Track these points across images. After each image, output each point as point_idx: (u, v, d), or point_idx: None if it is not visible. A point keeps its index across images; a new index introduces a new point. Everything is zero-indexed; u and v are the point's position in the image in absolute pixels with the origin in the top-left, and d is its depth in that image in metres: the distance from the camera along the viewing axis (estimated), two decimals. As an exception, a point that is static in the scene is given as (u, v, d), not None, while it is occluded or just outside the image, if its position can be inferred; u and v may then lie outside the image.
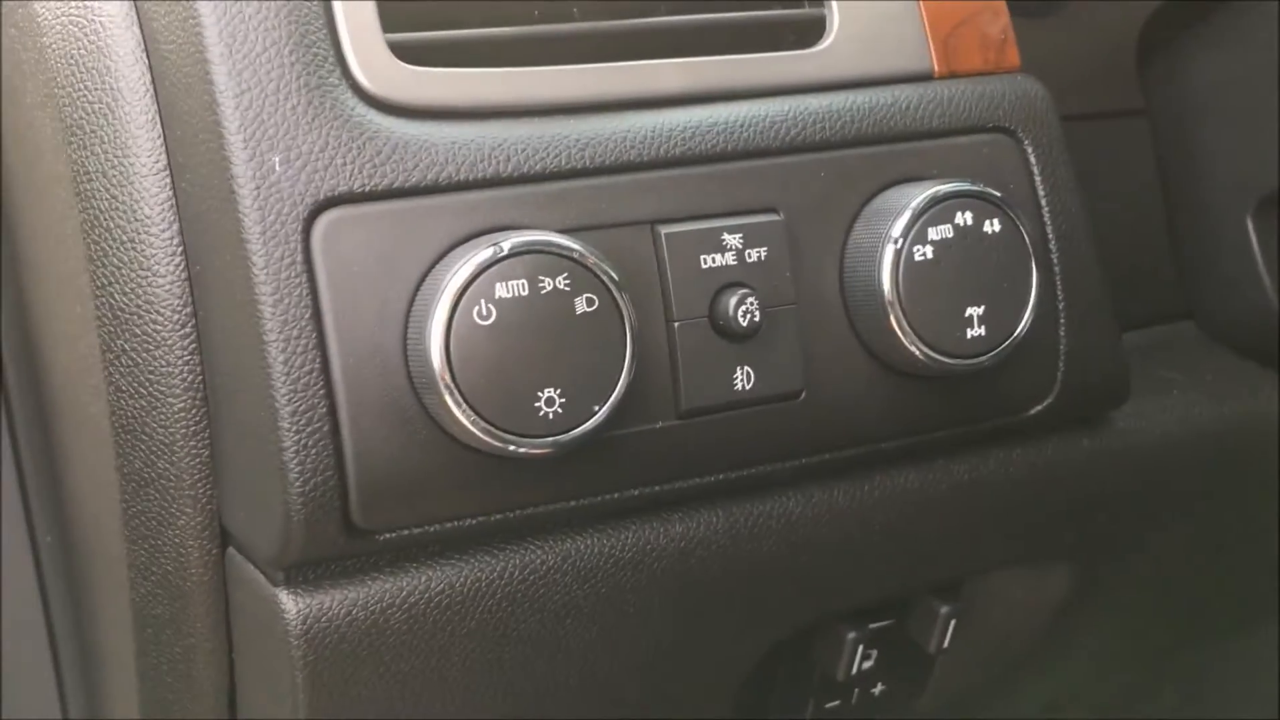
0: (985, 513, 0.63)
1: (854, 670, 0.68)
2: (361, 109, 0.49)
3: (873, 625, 0.67)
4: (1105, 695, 0.87)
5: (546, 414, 0.48)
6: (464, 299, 0.47)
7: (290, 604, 0.50)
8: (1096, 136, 0.75)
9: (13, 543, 0.69)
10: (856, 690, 0.70)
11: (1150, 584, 0.80)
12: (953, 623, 0.67)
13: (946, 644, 0.67)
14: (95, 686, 0.68)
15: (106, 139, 0.53)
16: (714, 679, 0.62)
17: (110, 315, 0.54)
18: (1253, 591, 0.84)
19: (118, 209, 0.53)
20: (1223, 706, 0.91)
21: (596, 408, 0.48)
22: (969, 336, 0.54)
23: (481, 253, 0.47)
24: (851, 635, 0.66)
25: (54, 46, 0.55)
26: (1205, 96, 0.78)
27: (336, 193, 0.48)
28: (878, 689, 0.70)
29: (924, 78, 0.60)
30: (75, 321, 0.57)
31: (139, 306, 0.52)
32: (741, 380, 0.53)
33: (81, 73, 0.53)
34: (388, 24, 0.51)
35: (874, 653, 0.68)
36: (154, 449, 0.54)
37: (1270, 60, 0.73)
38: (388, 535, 0.50)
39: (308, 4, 0.50)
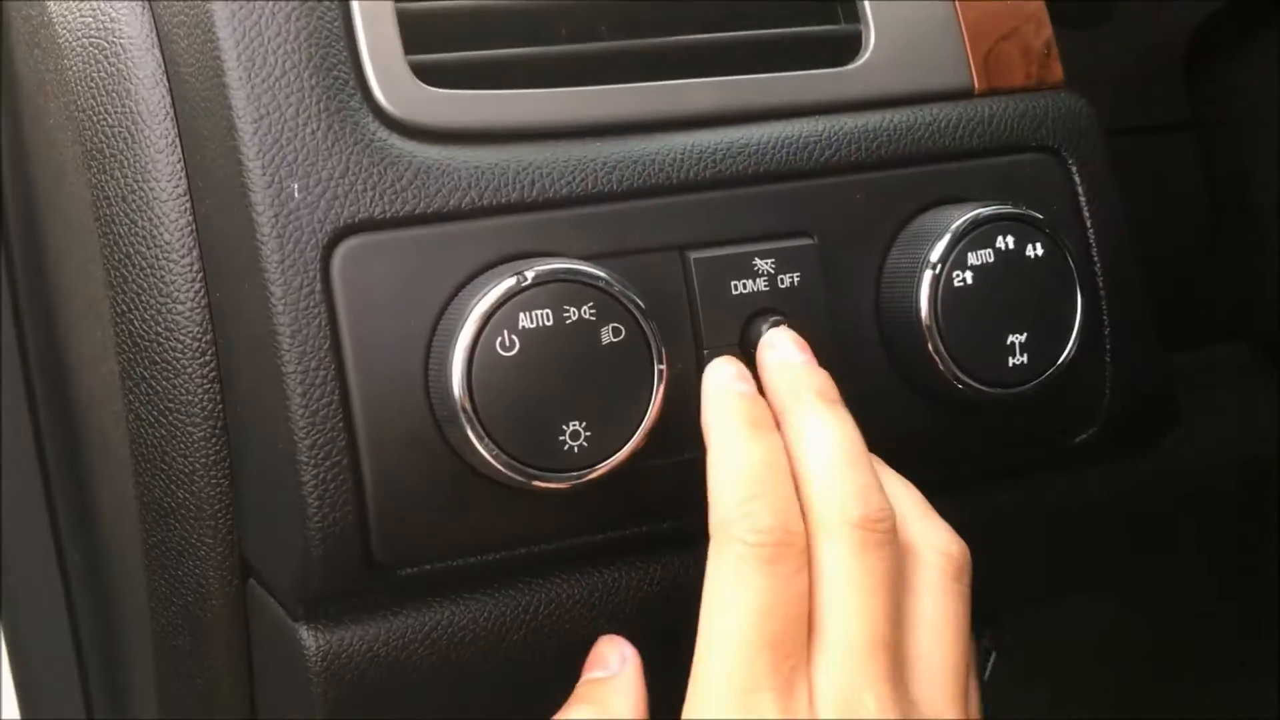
0: (1025, 544, 0.61)
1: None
2: (383, 133, 0.48)
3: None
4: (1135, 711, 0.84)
5: (571, 447, 0.46)
6: (487, 329, 0.45)
7: (310, 640, 0.49)
8: (1143, 151, 0.73)
9: (41, 561, 0.69)
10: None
11: (1187, 610, 0.78)
12: (993, 655, 0.65)
13: (987, 677, 0.65)
14: (121, 710, 0.68)
15: (126, 163, 0.52)
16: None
17: (130, 342, 0.53)
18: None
19: (137, 234, 0.52)
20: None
21: (623, 441, 0.47)
22: (1010, 365, 0.53)
23: (505, 281, 0.46)
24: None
25: (74, 69, 0.54)
26: (1255, 109, 0.76)
27: (357, 219, 0.47)
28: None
29: (964, 95, 0.58)
30: (97, 346, 0.56)
31: (158, 333, 0.52)
32: (774, 410, 0.51)
33: (101, 95, 0.53)
34: (410, 46, 0.50)
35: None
36: (174, 478, 0.53)
37: (1324, 72, 0.71)
38: (409, 570, 0.49)
39: (329, 26, 0.49)
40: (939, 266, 0.52)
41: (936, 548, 0.48)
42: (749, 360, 0.51)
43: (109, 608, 0.65)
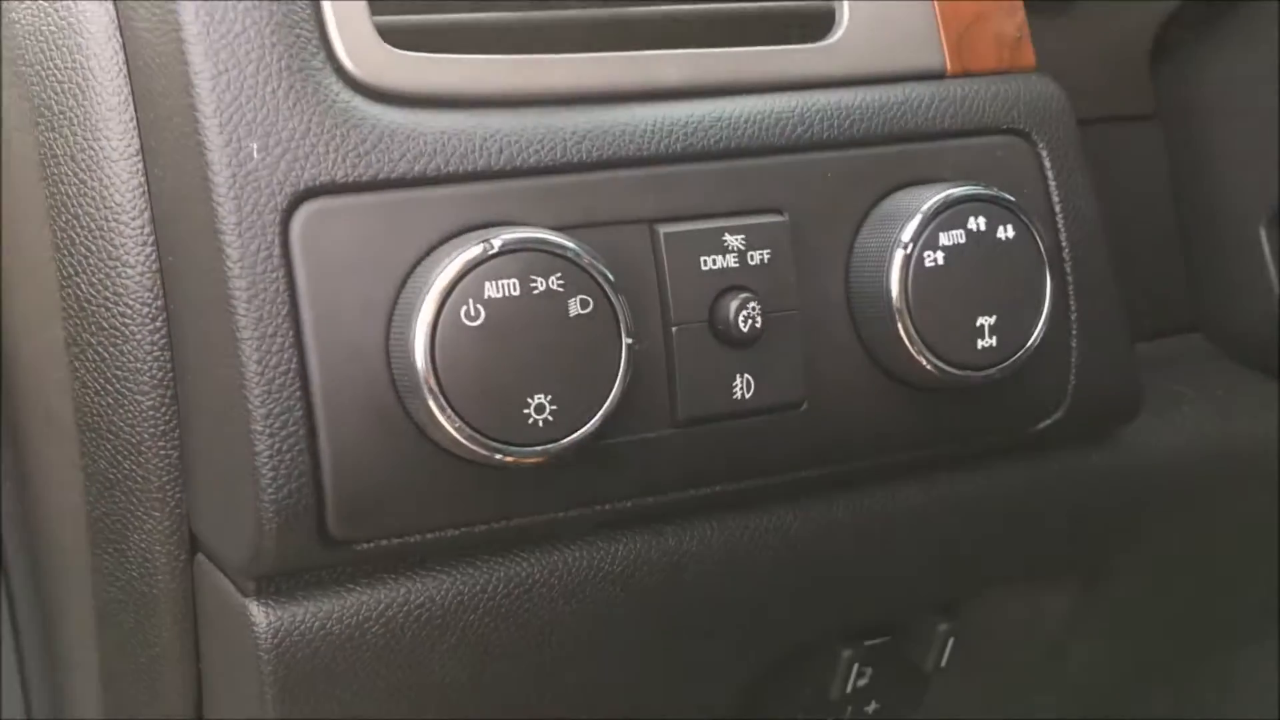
0: (988, 529, 0.61)
1: (849, 689, 0.66)
2: (346, 94, 0.47)
3: (869, 643, 0.64)
4: (1103, 708, 0.85)
5: (536, 421, 0.45)
6: (451, 298, 0.44)
7: (261, 616, 0.47)
8: (1107, 141, 0.73)
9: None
10: (850, 708, 0.67)
11: (1152, 598, 0.78)
12: (950, 641, 0.65)
13: (944, 663, 0.65)
14: (60, 689, 0.66)
15: (76, 120, 0.50)
16: (704, 698, 0.59)
17: (76, 306, 0.51)
18: (1255, 605, 0.82)
19: (86, 194, 0.50)
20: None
21: (589, 415, 0.46)
22: (979, 347, 0.52)
23: (470, 250, 0.44)
24: (848, 653, 0.64)
25: (22, 21, 0.52)
26: (1219, 102, 0.76)
27: (318, 183, 0.45)
28: (871, 707, 0.68)
29: (936, 76, 0.57)
30: (40, 311, 0.54)
31: (106, 298, 0.50)
32: (741, 389, 0.50)
33: (50, 49, 0.51)
34: (376, 6, 0.49)
35: (869, 670, 0.66)
36: (120, 448, 0.51)
37: (1287, 65, 0.71)
38: (366, 546, 0.47)
39: (291, -18, 0.47)
40: (910, 246, 0.51)
41: None
42: (718, 337, 0.50)
43: (46, 584, 0.63)
